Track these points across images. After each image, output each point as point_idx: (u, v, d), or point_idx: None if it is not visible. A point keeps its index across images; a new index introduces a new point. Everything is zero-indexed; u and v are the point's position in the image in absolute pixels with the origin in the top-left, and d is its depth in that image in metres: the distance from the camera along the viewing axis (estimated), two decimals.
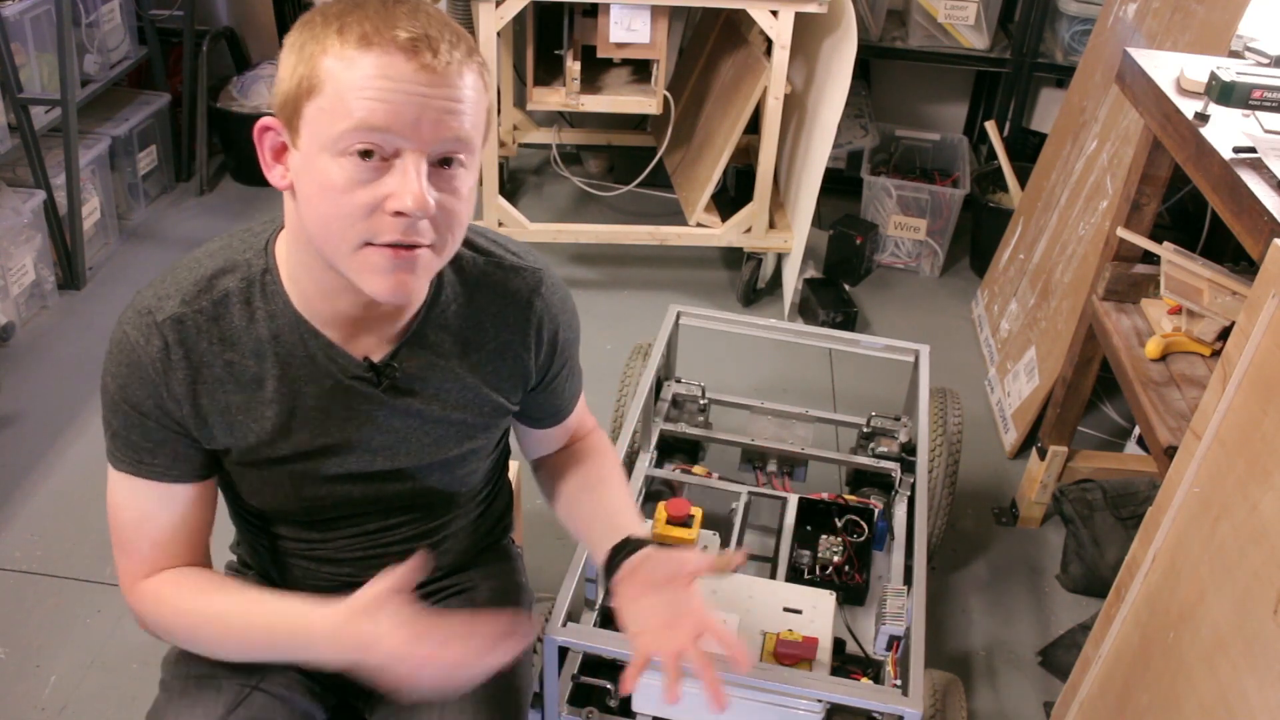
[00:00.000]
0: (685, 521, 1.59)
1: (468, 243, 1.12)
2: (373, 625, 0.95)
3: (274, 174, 0.97)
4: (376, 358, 1.07)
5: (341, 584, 1.22)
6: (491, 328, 1.12)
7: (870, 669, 1.47)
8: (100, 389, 1.05)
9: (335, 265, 0.96)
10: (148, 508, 1.07)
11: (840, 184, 3.30)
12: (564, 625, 1.36)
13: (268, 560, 1.23)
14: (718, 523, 1.73)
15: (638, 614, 1.05)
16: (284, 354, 1.04)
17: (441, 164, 0.93)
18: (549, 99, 2.76)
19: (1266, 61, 1.93)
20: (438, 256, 0.97)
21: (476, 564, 1.31)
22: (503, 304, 1.12)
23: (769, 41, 2.59)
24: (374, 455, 1.11)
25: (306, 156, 0.92)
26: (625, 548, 1.10)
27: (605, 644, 1.35)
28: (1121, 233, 1.91)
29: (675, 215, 3.01)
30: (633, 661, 1.02)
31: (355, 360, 1.05)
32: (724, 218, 2.88)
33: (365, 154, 0.90)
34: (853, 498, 1.78)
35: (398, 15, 0.90)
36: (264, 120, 0.96)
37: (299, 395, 1.05)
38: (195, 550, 1.11)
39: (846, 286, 3.02)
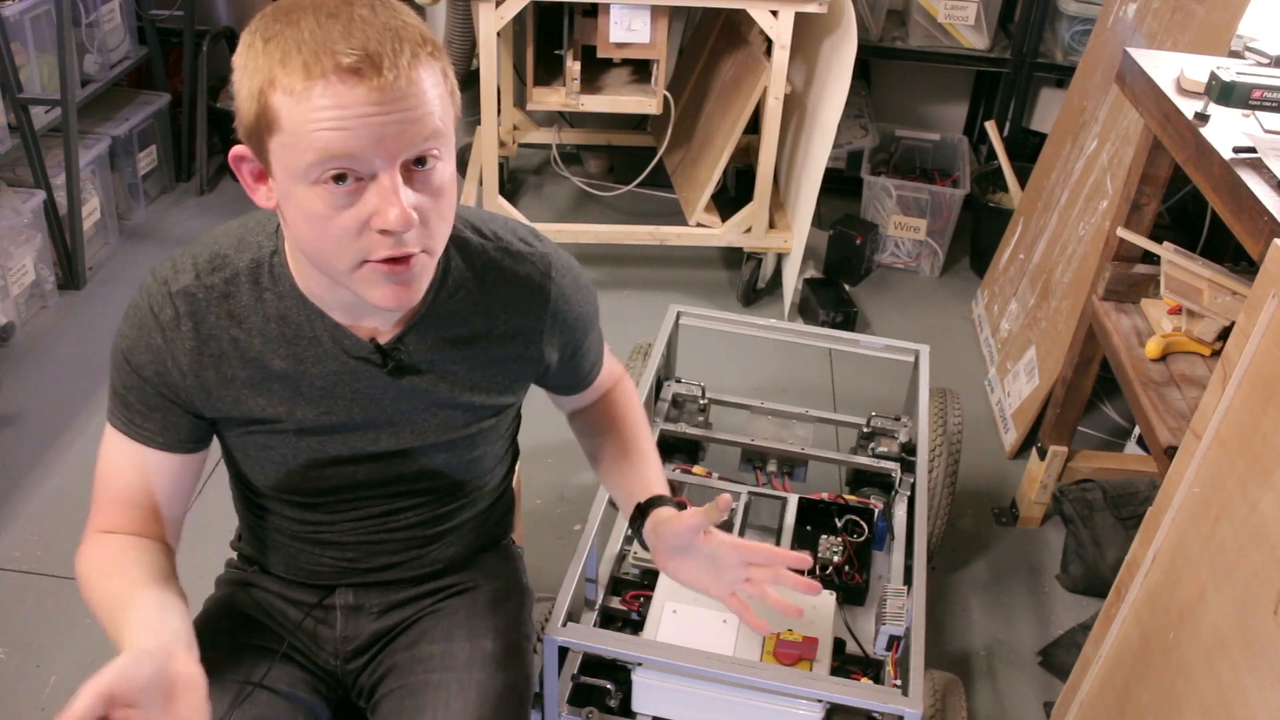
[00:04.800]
0: None
1: (475, 229, 1.12)
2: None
3: (259, 195, 0.97)
4: (383, 340, 1.07)
5: (344, 569, 1.22)
6: (502, 313, 1.12)
7: (870, 669, 1.47)
8: (111, 347, 1.07)
9: (337, 282, 0.98)
10: (123, 467, 1.09)
11: (840, 184, 3.29)
12: (564, 625, 1.35)
13: (270, 546, 1.23)
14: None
15: (694, 578, 1.17)
16: (290, 334, 1.05)
17: (416, 163, 0.92)
18: (549, 99, 2.77)
19: (1266, 61, 1.93)
20: (431, 256, 0.97)
21: (477, 564, 1.31)
22: (513, 290, 1.13)
23: (769, 41, 2.59)
24: (378, 434, 1.12)
25: (283, 186, 0.93)
26: (646, 508, 1.22)
27: (605, 644, 1.35)
28: (1121, 233, 1.91)
29: (675, 215, 3.01)
30: (730, 604, 1.15)
31: (361, 342, 1.06)
32: (724, 218, 2.88)
33: (339, 178, 0.89)
34: (853, 498, 1.78)
35: (334, 34, 0.86)
36: (236, 150, 0.95)
37: (305, 375, 1.07)
38: (156, 522, 1.10)
39: (846, 286, 3.02)
